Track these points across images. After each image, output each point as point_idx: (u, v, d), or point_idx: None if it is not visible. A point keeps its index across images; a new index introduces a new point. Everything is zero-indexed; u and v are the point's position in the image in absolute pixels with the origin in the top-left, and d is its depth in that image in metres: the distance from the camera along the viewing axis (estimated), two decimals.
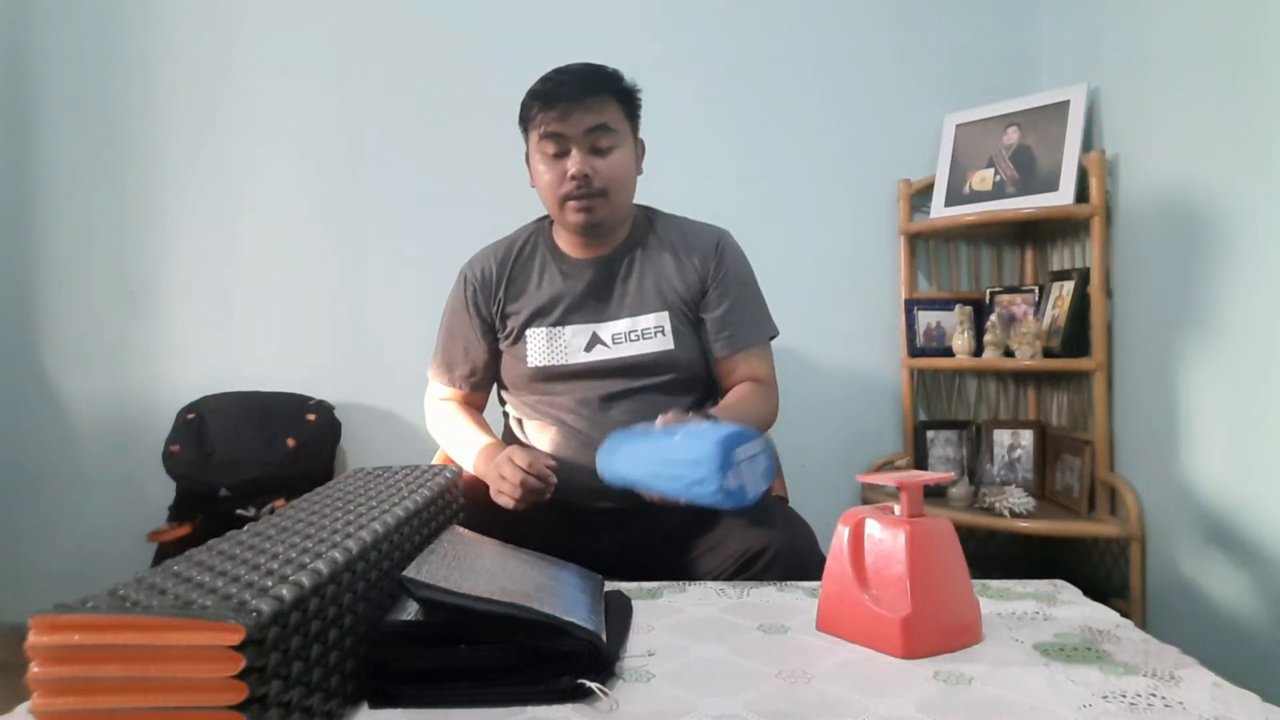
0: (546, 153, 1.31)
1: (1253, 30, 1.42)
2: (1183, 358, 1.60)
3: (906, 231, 2.11)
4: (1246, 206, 1.44)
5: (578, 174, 1.28)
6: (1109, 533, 1.75)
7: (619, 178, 1.32)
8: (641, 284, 1.38)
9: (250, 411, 2.04)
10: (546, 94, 1.30)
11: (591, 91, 1.29)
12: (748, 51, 2.17)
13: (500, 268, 1.42)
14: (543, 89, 1.31)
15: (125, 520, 2.10)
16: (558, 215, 1.36)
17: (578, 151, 1.29)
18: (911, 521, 0.83)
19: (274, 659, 0.58)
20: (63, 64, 2.16)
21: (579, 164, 1.28)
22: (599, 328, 1.36)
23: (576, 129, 1.28)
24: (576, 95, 1.28)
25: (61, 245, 2.17)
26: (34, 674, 0.56)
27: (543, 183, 1.34)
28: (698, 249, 1.40)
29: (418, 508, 0.89)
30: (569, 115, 1.28)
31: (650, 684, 0.74)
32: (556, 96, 1.29)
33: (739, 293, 1.40)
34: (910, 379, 2.11)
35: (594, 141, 1.29)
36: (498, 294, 1.41)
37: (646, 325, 1.35)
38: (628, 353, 1.34)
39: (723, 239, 1.42)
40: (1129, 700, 0.69)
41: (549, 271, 1.40)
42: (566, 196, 1.30)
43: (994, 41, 2.16)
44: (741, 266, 1.42)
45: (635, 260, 1.39)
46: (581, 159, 1.29)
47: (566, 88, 1.29)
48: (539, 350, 1.37)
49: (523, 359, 1.37)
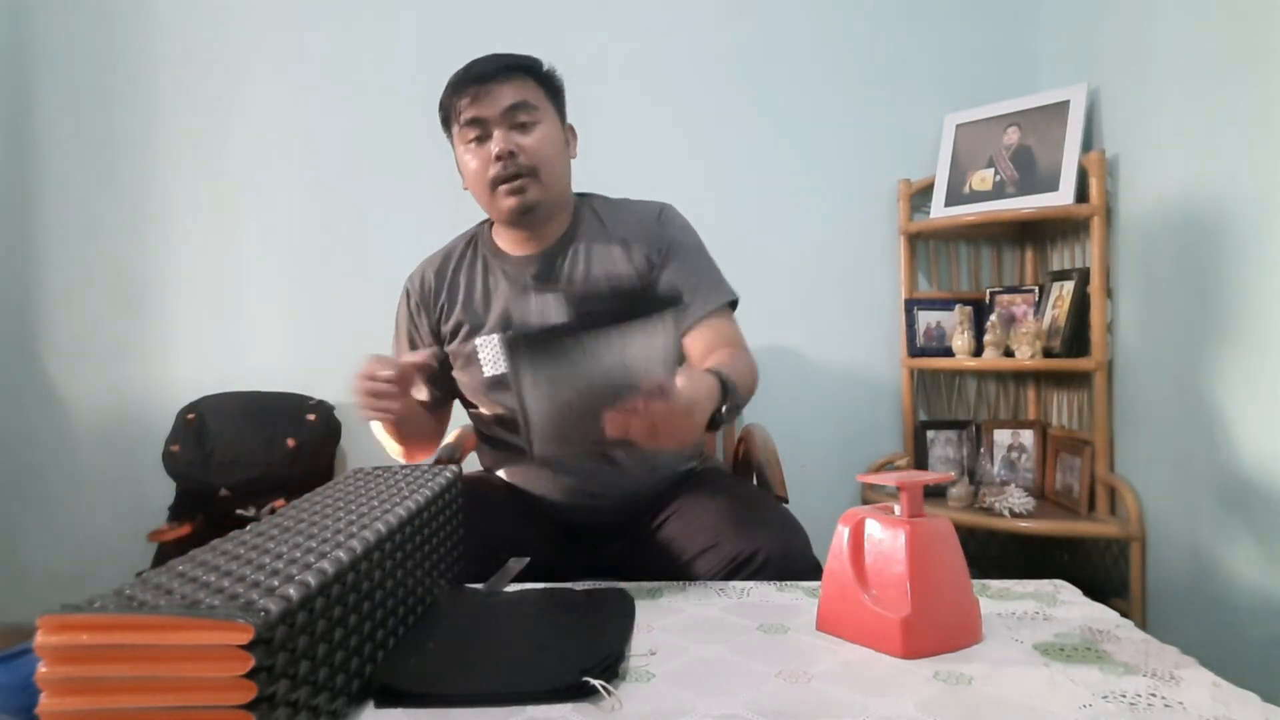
0: (468, 139, 1.28)
1: (1253, 30, 1.42)
2: (1183, 358, 1.60)
3: (906, 231, 2.11)
4: (1247, 206, 1.44)
5: (502, 151, 1.24)
6: (1109, 533, 1.75)
7: (546, 154, 1.28)
8: (589, 274, 1.32)
9: (250, 411, 2.04)
10: (459, 82, 1.28)
11: (504, 71, 1.26)
12: (748, 52, 2.17)
13: (439, 277, 1.39)
14: (456, 78, 1.29)
15: (125, 520, 2.10)
16: (490, 206, 1.31)
17: (499, 131, 1.25)
18: (911, 521, 0.83)
19: (282, 658, 0.58)
20: (62, 64, 2.16)
21: (502, 141, 1.24)
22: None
23: (494, 109, 1.25)
24: (489, 76, 1.25)
25: (61, 245, 2.17)
26: (42, 674, 0.56)
27: (471, 173, 1.30)
28: (640, 227, 1.35)
29: (419, 507, 0.90)
30: (484, 96, 1.25)
31: (650, 684, 0.74)
32: (469, 80, 1.26)
33: (688, 260, 1.33)
34: (910, 379, 2.11)
35: (514, 118, 1.26)
36: (439, 303, 1.37)
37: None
38: None
39: (664, 210, 1.37)
40: (1129, 700, 0.69)
41: (491, 274, 1.36)
42: (495, 180, 1.26)
43: (994, 41, 2.16)
44: (688, 234, 1.37)
45: (579, 250, 1.34)
46: (504, 136, 1.25)
47: (477, 70, 1.27)
48: (492, 359, 1.31)
49: (478, 370, 1.32)
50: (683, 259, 1.32)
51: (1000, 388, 2.17)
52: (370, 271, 2.19)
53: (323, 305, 2.19)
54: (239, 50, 2.18)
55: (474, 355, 1.33)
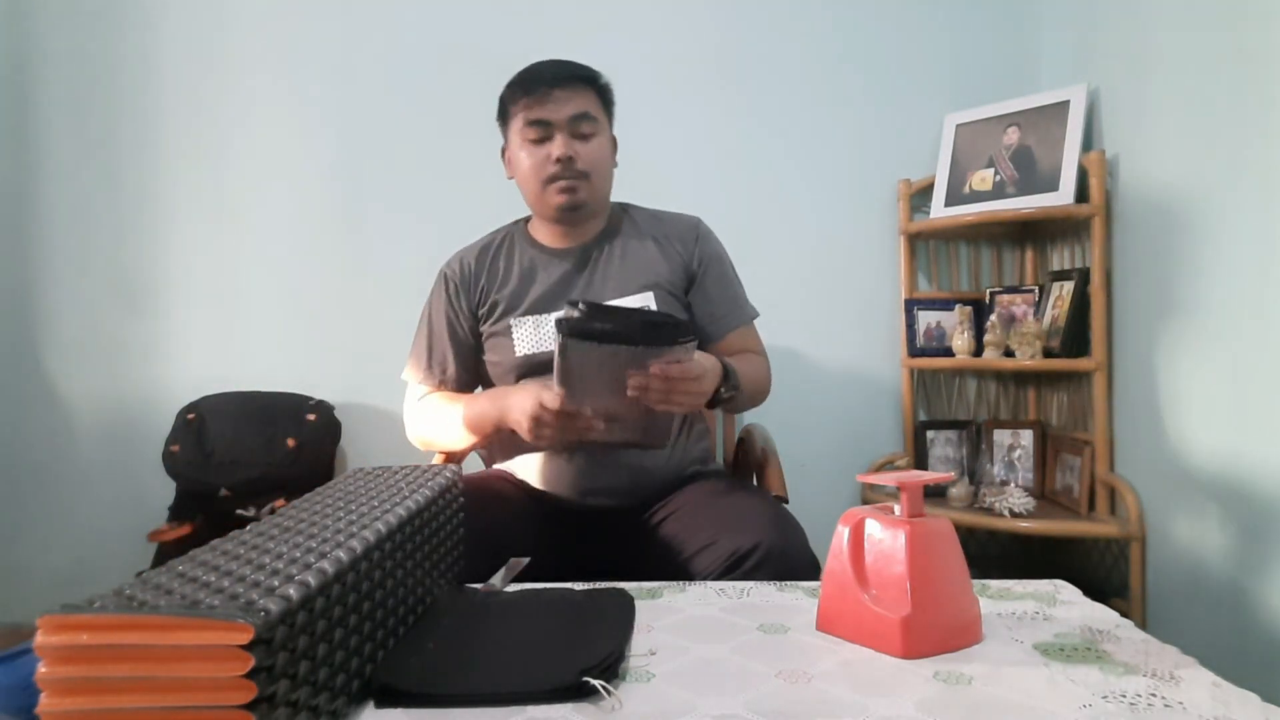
0: (529, 139, 1.35)
1: (1252, 30, 1.42)
2: (1183, 357, 1.60)
3: (906, 231, 2.11)
4: (1246, 206, 1.44)
5: (563, 155, 1.33)
6: (1109, 533, 1.75)
7: (599, 162, 1.37)
8: (624, 267, 1.41)
9: (250, 411, 2.04)
10: (529, 81, 1.35)
11: (573, 80, 1.35)
12: (747, 52, 2.17)
13: (479, 262, 1.46)
14: (525, 78, 1.36)
15: (125, 520, 2.10)
16: (539, 200, 1.38)
17: (561, 136, 1.34)
18: (911, 521, 0.83)
19: (282, 658, 0.58)
20: (63, 64, 2.16)
21: (564, 146, 1.33)
22: None
23: (560, 115, 1.33)
24: (559, 82, 1.34)
25: (61, 245, 2.17)
26: (42, 674, 0.56)
27: (525, 169, 1.37)
28: (676, 234, 1.44)
29: (419, 507, 0.90)
30: (552, 101, 1.33)
31: (650, 684, 0.74)
32: (539, 82, 1.34)
33: (722, 275, 1.45)
34: (910, 379, 2.11)
35: (576, 128, 1.34)
36: (479, 285, 1.44)
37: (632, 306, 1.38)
38: None
39: (700, 224, 1.48)
40: (1129, 700, 0.69)
41: (529, 262, 1.43)
42: (551, 178, 1.34)
43: (994, 41, 2.17)
44: (720, 249, 1.48)
45: (614, 246, 1.43)
46: (566, 142, 1.33)
47: (549, 75, 1.34)
48: (526, 339, 1.38)
49: (510, 349, 1.38)
50: (717, 275, 1.44)
51: (1000, 388, 2.17)
52: (370, 271, 2.19)
53: (323, 305, 2.19)
54: (239, 50, 2.17)
55: (509, 334, 1.39)
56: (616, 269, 1.41)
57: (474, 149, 2.16)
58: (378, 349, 2.19)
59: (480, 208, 2.12)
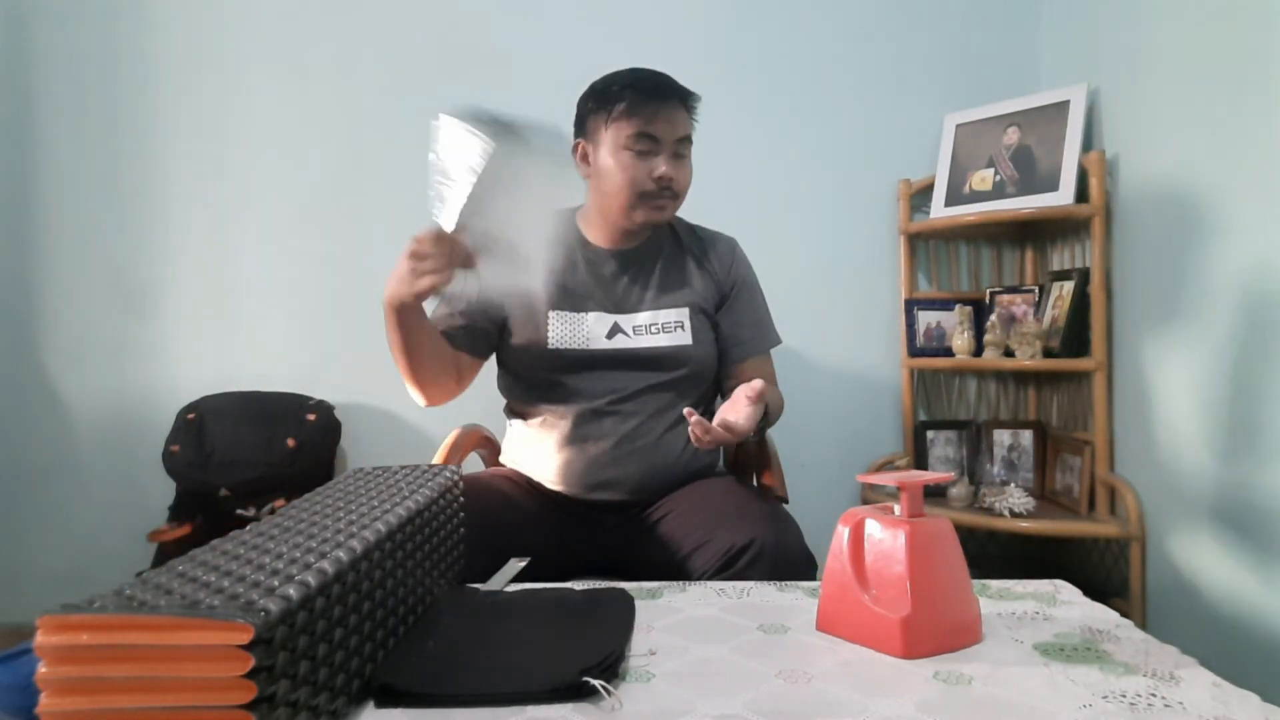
0: (634, 149, 1.32)
1: (1252, 30, 1.42)
2: (1183, 358, 1.60)
3: (906, 231, 2.11)
4: (1246, 206, 1.45)
5: (665, 177, 1.32)
6: (1109, 533, 1.75)
7: (687, 186, 1.39)
8: (665, 280, 1.42)
9: (250, 411, 2.04)
10: (646, 92, 1.32)
11: (683, 101, 1.36)
12: (747, 52, 2.17)
13: None
14: (641, 86, 1.32)
15: (125, 520, 2.10)
16: (624, 211, 1.36)
17: (666, 155, 1.33)
18: (911, 521, 0.83)
19: (282, 658, 0.58)
20: (63, 64, 2.16)
21: (669, 167, 1.33)
22: (621, 318, 1.38)
23: (671, 134, 1.33)
24: (673, 99, 1.33)
25: (61, 245, 2.17)
26: (42, 674, 0.56)
27: (619, 179, 1.33)
28: (714, 254, 1.46)
29: (419, 507, 0.90)
30: (665, 119, 1.32)
31: (650, 684, 0.74)
32: (654, 95, 1.32)
33: (751, 300, 1.47)
34: (910, 379, 2.11)
35: (678, 148, 1.35)
36: None
37: (668, 319, 1.39)
38: (648, 344, 1.36)
39: (736, 247, 1.49)
40: (1129, 700, 0.69)
41: (573, 260, 1.42)
42: (647, 195, 1.33)
43: (994, 41, 2.16)
44: (752, 274, 1.50)
45: (659, 258, 1.44)
46: (670, 162, 1.33)
47: (666, 91, 1.33)
48: (561, 333, 1.37)
49: (543, 341, 1.36)
50: (748, 299, 1.46)
51: (1000, 388, 2.17)
52: (370, 271, 2.17)
53: (323, 305, 2.18)
54: (239, 50, 2.17)
55: (543, 324, 1.37)
56: (657, 280, 1.42)
57: None
58: (378, 349, 2.17)
59: None
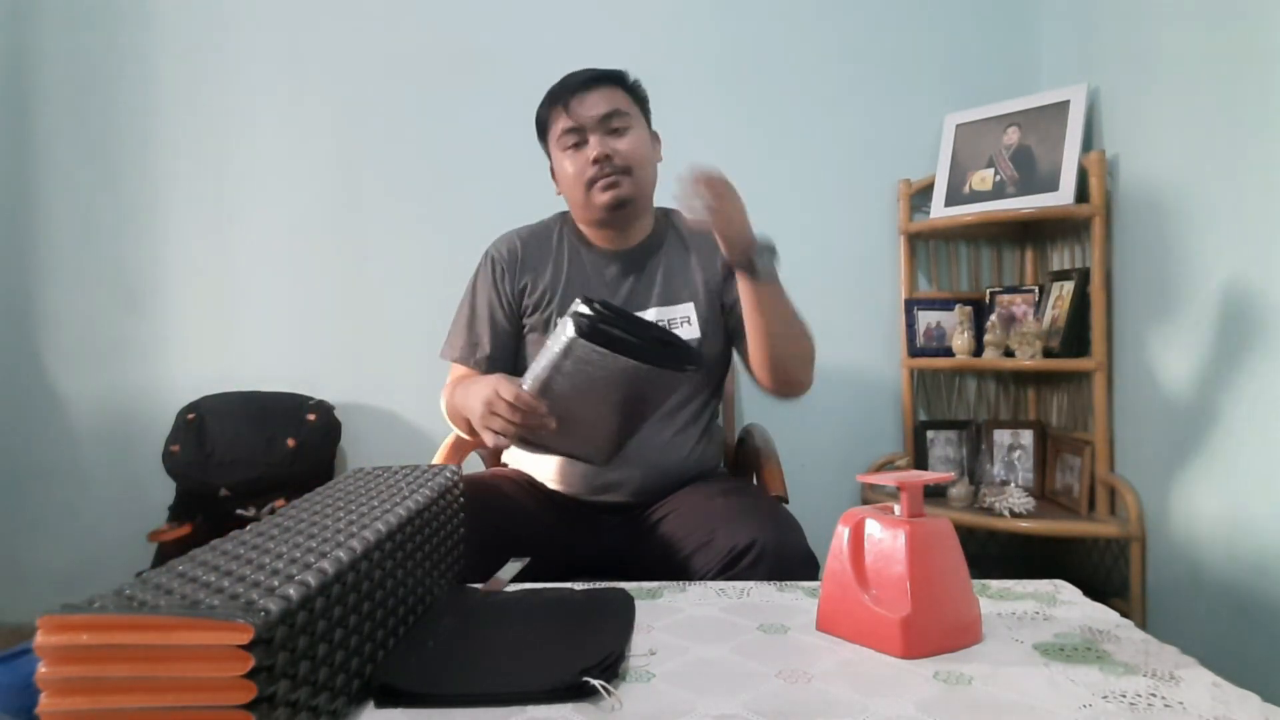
0: (566, 147, 1.36)
1: (1252, 30, 1.42)
2: (1183, 357, 1.60)
3: (906, 231, 2.11)
4: (1246, 206, 1.44)
5: (599, 155, 1.33)
6: (1109, 533, 1.75)
7: (639, 155, 1.37)
8: (668, 275, 1.42)
9: (250, 411, 2.04)
10: (556, 93, 1.38)
11: (597, 82, 1.36)
12: (747, 51, 2.17)
13: (525, 248, 1.45)
14: (553, 91, 1.39)
15: (125, 520, 2.10)
16: (584, 205, 1.38)
17: (594, 136, 1.34)
18: (911, 521, 0.83)
19: (282, 658, 0.58)
20: (63, 64, 2.16)
21: (599, 145, 1.34)
22: None
23: (590, 116, 1.34)
24: (585, 86, 1.36)
25: (61, 245, 2.17)
26: (42, 674, 0.56)
27: (567, 176, 1.37)
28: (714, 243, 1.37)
29: (419, 507, 0.90)
30: (580, 105, 1.35)
31: (650, 684, 0.74)
32: (565, 91, 1.36)
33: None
34: (910, 379, 2.11)
35: (608, 125, 1.35)
36: (525, 272, 1.43)
37: (675, 315, 1.39)
38: None
39: None
40: (1129, 700, 0.69)
41: (576, 260, 1.43)
42: (592, 180, 1.34)
43: (994, 41, 2.16)
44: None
45: (660, 254, 1.44)
46: (600, 141, 1.34)
47: (574, 83, 1.37)
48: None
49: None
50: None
51: (1000, 388, 2.17)
52: (370, 271, 2.19)
53: (322, 305, 2.19)
54: (238, 51, 2.17)
55: (550, 327, 1.37)
56: (661, 278, 1.41)
57: (475, 150, 2.17)
58: (378, 349, 2.19)
59: (480, 208, 2.13)
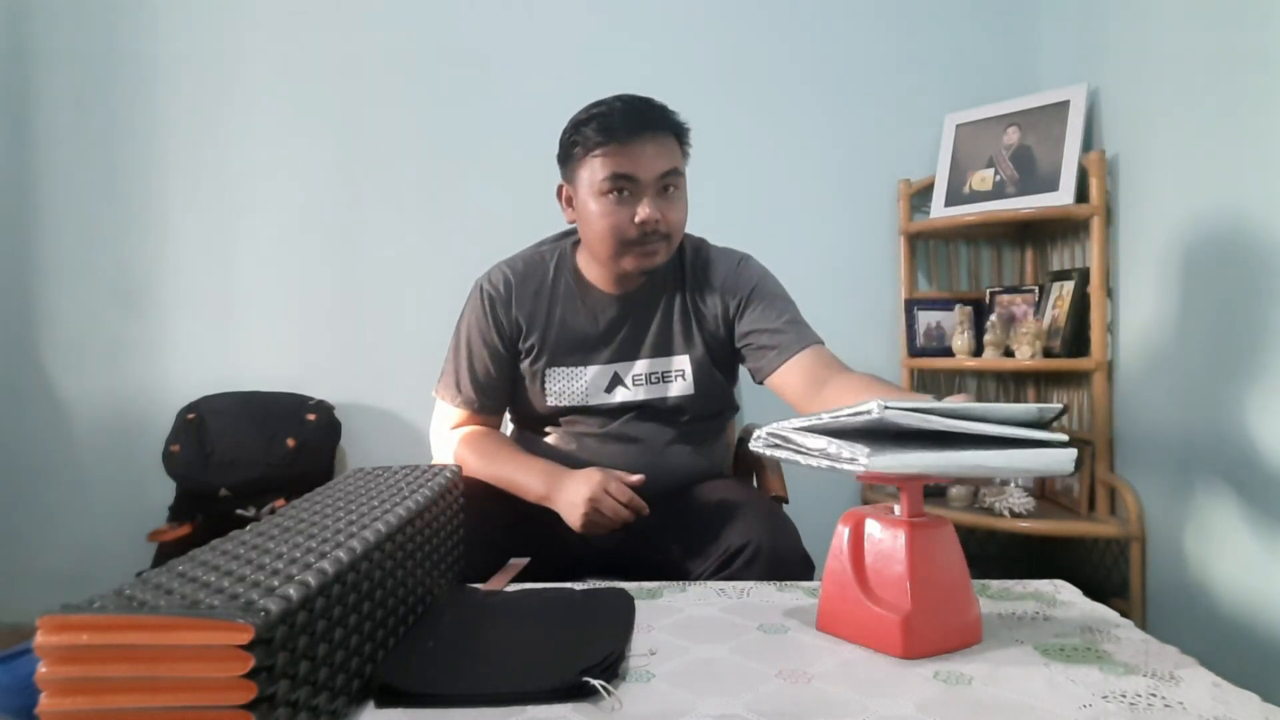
0: (606, 191, 1.21)
1: (1253, 30, 1.42)
2: (1183, 358, 1.60)
3: (906, 231, 2.11)
4: (1246, 205, 1.44)
5: (649, 222, 1.20)
6: (1109, 533, 1.75)
7: (682, 222, 1.27)
8: (666, 325, 1.33)
9: (250, 411, 2.04)
10: (612, 128, 1.19)
11: (657, 130, 1.21)
12: (747, 51, 2.17)
13: (521, 285, 1.35)
14: (606, 123, 1.19)
15: (125, 520, 2.10)
16: (611, 261, 1.26)
17: (649, 197, 1.20)
18: (911, 521, 0.83)
19: (282, 658, 0.58)
20: (63, 64, 2.16)
21: (651, 209, 1.19)
22: (620, 368, 1.33)
23: (649, 173, 1.20)
24: (647, 132, 1.19)
25: (61, 245, 2.17)
26: (42, 674, 0.56)
27: (599, 227, 1.22)
28: (714, 276, 1.34)
29: (420, 507, 0.90)
30: (639, 155, 1.19)
31: (650, 684, 0.74)
32: (619, 130, 1.19)
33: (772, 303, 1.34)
34: (910, 379, 2.11)
35: (662, 184, 1.21)
36: (518, 309, 1.34)
37: (668, 368, 1.33)
38: (648, 396, 1.33)
39: (744, 260, 1.38)
40: (1129, 700, 0.69)
41: (574, 305, 1.34)
42: (631, 242, 1.22)
43: (994, 41, 2.17)
44: (768, 280, 1.37)
45: (661, 301, 1.34)
46: (653, 204, 1.20)
47: (636, 123, 1.19)
48: (559, 390, 1.33)
49: (540, 395, 1.34)
50: (766, 302, 1.32)
51: (1000, 388, 2.17)
52: (370, 272, 2.19)
53: (322, 305, 2.19)
54: (238, 51, 2.17)
55: (539, 380, 1.33)
56: (659, 327, 1.33)
57: (475, 151, 2.17)
58: (377, 349, 2.19)
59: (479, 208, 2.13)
